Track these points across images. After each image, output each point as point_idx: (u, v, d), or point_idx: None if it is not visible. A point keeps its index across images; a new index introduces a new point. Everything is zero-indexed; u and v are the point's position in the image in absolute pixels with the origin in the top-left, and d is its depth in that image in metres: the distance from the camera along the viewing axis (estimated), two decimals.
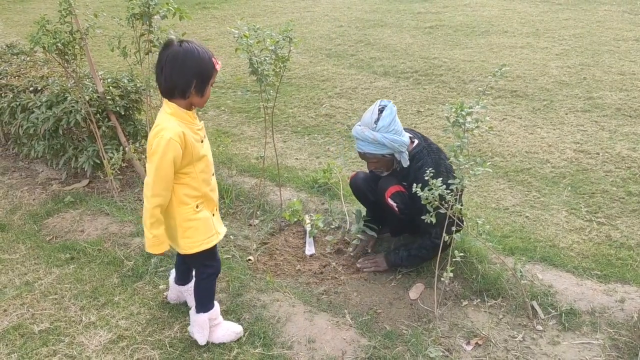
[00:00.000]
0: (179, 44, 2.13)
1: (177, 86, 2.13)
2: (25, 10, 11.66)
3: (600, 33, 7.70)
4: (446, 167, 2.79)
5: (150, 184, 2.16)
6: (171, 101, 2.17)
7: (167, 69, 2.11)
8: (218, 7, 11.25)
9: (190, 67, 2.12)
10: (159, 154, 2.10)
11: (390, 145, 2.75)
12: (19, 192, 4.04)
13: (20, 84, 4.19)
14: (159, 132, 2.12)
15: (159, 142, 2.10)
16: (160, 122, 2.16)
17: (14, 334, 2.59)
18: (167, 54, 2.11)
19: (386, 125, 2.72)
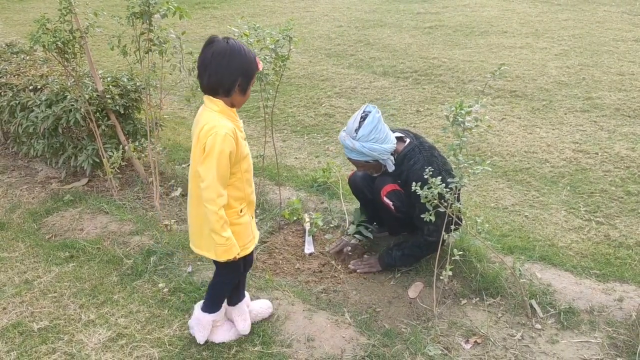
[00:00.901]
0: (224, 40, 2.09)
1: (222, 84, 2.09)
2: (25, 10, 11.66)
3: (599, 34, 7.71)
4: (439, 164, 2.79)
5: (213, 185, 2.08)
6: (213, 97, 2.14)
7: (213, 65, 2.07)
8: (217, 6, 11.26)
9: (237, 65, 2.08)
10: (217, 151, 2.05)
11: (370, 154, 2.76)
12: (19, 191, 4.04)
13: (20, 82, 4.19)
14: (210, 129, 2.06)
15: (215, 140, 2.04)
16: (209, 120, 2.09)
17: (14, 332, 2.59)
18: (212, 51, 2.07)
19: (366, 135, 2.72)
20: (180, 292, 2.85)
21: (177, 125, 5.28)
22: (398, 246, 3.01)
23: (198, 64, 2.13)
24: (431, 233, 2.77)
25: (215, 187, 2.08)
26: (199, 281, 2.94)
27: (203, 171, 2.08)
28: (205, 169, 2.07)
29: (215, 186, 2.08)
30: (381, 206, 2.94)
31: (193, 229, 2.33)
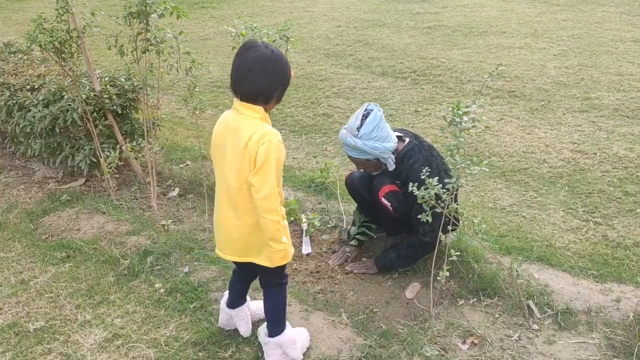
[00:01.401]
0: (264, 46, 2.03)
1: (264, 91, 2.02)
2: (24, 9, 11.64)
3: (598, 34, 7.71)
4: (438, 164, 2.79)
5: (272, 194, 2.02)
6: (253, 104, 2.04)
7: (256, 72, 1.99)
8: (216, 6, 11.25)
9: (279, 73, 2.03)
10: (274, 158, 1.99)
11: (371, 152, 2.75)
12: (15, 191, 4.03)
13: (17, 82, 4.18)
14: (262, 138, 1.98)
15: (269, 148, 1.97)
16: (255, 128, 2.00)
17: (9, 333, 2.58)
18: (254, 57, 1.99)
19: (368, 133, 2.71)
20: (176, 292, 2.84)
21: (175, 125, 5.27)
22: (394, 247, 3.01)
23: (236, 69, 2.03)
24: (426, 233, 2.76)
25: (275, 196, 2.04)
26: (196, 281, 2.93)
27: (259, 181, 2.00)
28: (261, 179, 2.00)
29: (275, 195, 2.04)
30: (379, 207, 2.94)
31: (235, 239, 2.20)
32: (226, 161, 2.09)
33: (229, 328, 2.59)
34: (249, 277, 2.48)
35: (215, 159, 2.19)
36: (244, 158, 2.01)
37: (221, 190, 2.18)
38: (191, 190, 3.96)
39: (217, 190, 2.21)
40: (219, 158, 2.15)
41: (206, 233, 3.41)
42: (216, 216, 2.26)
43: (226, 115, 2.15)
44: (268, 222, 2.06)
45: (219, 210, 2.22)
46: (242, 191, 2.08)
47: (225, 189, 2.14)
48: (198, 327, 2.60)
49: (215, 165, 2.20)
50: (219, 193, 2.20)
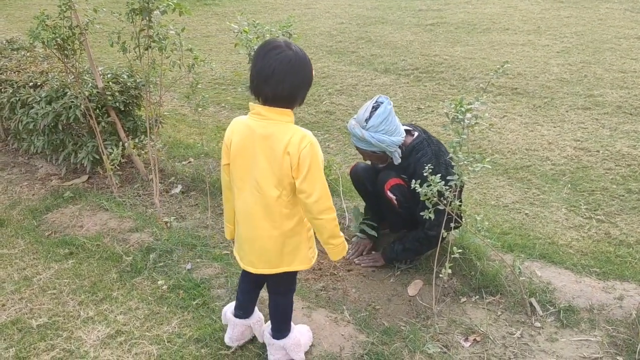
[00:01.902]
0: (287, 46, 1.92)
1: (292, 95, 1.93)
2: (27, 6, 11.64)
3: (601, 31, 7.68)
4: (446, 160, 2.78)
5: (325, 195, 1.98)
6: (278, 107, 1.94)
7: (281, 75, 1.89)
8: (219, 3, 11.25)
9: (306, 76, 1.95)
10: (319, 161, 1.95)
11: (377, 145, 2.74)
12: (19, 188, 4.04)
13: (20, 79, 4.18)
14: (301, 141, 1.91)
15: (312, 151, 1.92)
16: (292, 132, 1.93)
17: (12, 329, 2.59)
18: (279, 59, 1.89)
19: (376, 125, 2.71)
20: (179, 289, 2.85)
21: (178, 122, 5.28)
22: (400, 240, 3.01)
23: (260, 71, 1.91)
24: (431, 227, 2.76)
25: (328, 195, 2.00)
26: (198, 278, 2.93)
27: (309, 186, 1.95)
28: (310, 183, 1.95)
29: (328, 194, 2.00)
30: (383, 200, 2.93)
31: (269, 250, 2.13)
32: (260, 171, 1.99)
33: (242, 342, 2.49)
34: (260, 286, 2.45)
35: (238, 171, 2.07)
36: (283, 164, 1.94)
37: (252, 202, 2.06)
38: (194, 188, 3.96)
39: (244, 204, 2.09)
40: (245, 170, 2.04)
41: (208, 230, 3.41)
42: (246, 231, 2.15)
43: (245, 121, 2.02)
44: (325, 222, 2.03)
45: (250, 224, 2.11)
46: (281, 198, 2.01)
47: (258, 201, 2.04)
48: (200, 324, 2.60)
49: (238, 177, 2.08)
50: (247, 207, 2.08)
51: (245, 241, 2.18)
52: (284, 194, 2.01)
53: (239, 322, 2.43)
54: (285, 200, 2.02)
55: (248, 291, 2.41)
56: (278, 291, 2.32)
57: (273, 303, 2.36)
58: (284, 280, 2.26)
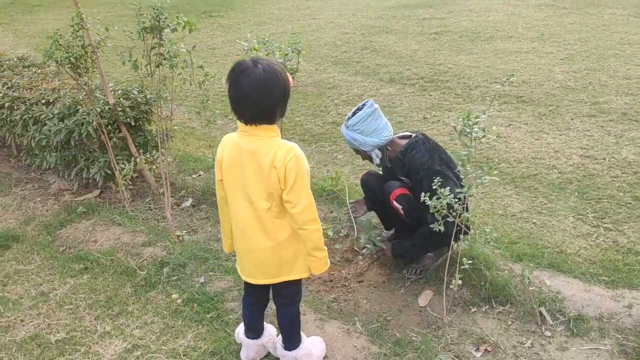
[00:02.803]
0: (255, 65, 1.96)
1: (265, 112, 1.99)
2: (34, 22, 11.80)
3: (605, 37, 7.71)
4: (442, 156, 2.88)
5: (310, 205, 2.07)
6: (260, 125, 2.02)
7: (254, 97, 1.95)
8: (224, 15, 11.34)
9: (277, 91, 1.98)
10: (304, 172, 2.03)
11: (350, 142, 2.98)
12: (32, 203, 4.11)
13: (32, 96, 4.26)
14: (287, 154, 2.00)
15: (297, 162, 2.01)
16: (276, 146, 2.02)
17: (32, 344, 2.64)
18: (248, 82, 1.94)
19: (353, 124, 2.93)
20: (193, 302, 2.90)
21: (186, 135, 5.34)
22: (409, 237, 3.06)
23: (234, 96, 1.99)
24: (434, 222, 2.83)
25: (313, 206, 2.08)
26: (212, 291, 2.98)
27: (294, 197, 2.03)
28: (296, 194, 2.03)
29: (313, 205, 2.08)
30: (390, 209, 3.00)
31: (268, 262, 2.21)
32: (249, 185, 2.08)
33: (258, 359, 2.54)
34: (265, 304, 2.49)
35: (230, 186, 2.16)
36: (271, 177, 2.02)
37: (246, 216, 2.14)
38: (204, 201, 4.01)
39: (238, 218, 2.18)
40: (236, 184, 2.13)
41: (220, 243, 3.46)
42: (242, 244, 2.23)
43: (234, 138, 2.10)
44: (309, 233, 2.11)
45: (245, 236, 2.19)
46: (271, 210, 2.10)
47: (251, 214, 2.13)
48: (215, 337, 2.65)
49: (231, 192, 2.16)
50: (241, 221, 2.17)
51: (243, 253, 2.27)
52: (274, 205, 2.10)
53: (252, 343, 2.50)
54: (276, 211, 2.11)
55: (252, 304, 2.46)
56: (283, 302, 2.38)
57: (280, 315, 2.42)
58: (286, 291, 2.33)
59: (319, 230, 2.13)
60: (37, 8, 13.69)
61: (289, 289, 2.32)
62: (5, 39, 9.80)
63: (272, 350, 2.52)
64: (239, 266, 2.34)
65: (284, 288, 2.30)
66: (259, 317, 2.48)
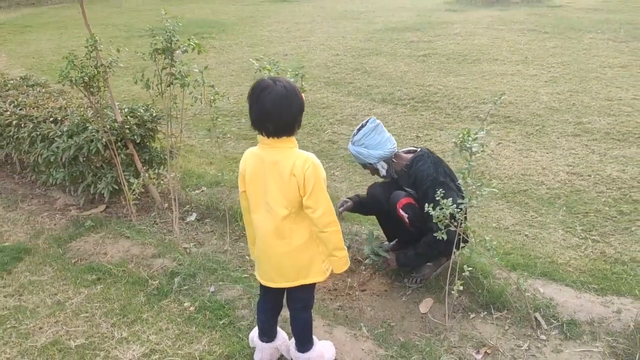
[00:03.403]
0: (274, 83, 2.14)
1: (287, 127, 2.17)
2: (27, 42, 11.91)
3: (586, 60, 8.04)
4: (445, 170, 3.08)
5: (328, 209, 2.23)
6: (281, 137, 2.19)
7: (276, 112, 2.12)
8: (216, 37, 11.56)
9: (296, 107, 2.17)
10: (321, 179, 2.19)
11: (357, 156, 3.21)
12: (40, 218, 4.21)
13: (40, 114, 4.38)
14: (305, 162, 2.17)
15: (315, 170, 2.17)
16: (295, 156, 2.19)
17: (52, 349, 2.74)
18: (271, 98, 2.12)
19: (358, 140, 3.19)
20: (205, 310, 3.02)
21: (187, 153, 5.47)
22: (413, 247, 3.22)
23: (255, 111, 2.16)
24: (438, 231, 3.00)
25: (331, 210, 2.25)
26: (222, 299, 3.11)
27: (314, 202, 2.19)
28: (315, 199, 2.19)
29: (331, 209, 2.24)
30: (396, 219, 3.17)
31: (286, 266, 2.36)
32: (270, 194, 2.24)
33: None
34: (280, 309, 2.62)
35: (253, 196, 2.32)
36: (290, 185, 2.19)
37: (265, 223, 2.31)
38: (208, 215, 4.15)
39: (260, 225, 2.33)
40: (258, 194, 2.29)
41: (227, 255, 3.59)
42: (263, 250, 2.38)
43: (255, 151, 2.28)
44: (330, 235, 2.28)
45: (265, 243, 2.35)
46: (289, 216, 2.26)
47: (270, 221, 2.28)
48: (229, 342, 2.77)
49: (253, 202, 2.33)
50: (262, 228, 2.32)
51: (263, 259, 2.42)
52: (292, 212, 2.26)
53: (266, 346, 2.63)
54: (293, 217, 2.28)
55: (267, 310, 2.59)
56: (297, 307, 2.52)
57: (293, 319, 2.56)
58: (302, 295, 2.48)
59: (338, 231, 2.30)
60: (29, 29, 13.82)
61: (305, 294, 2.47)
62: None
63: (285, 353, 2.65)
64: (258, 272, 2.48)
65: (300, 292, 2.45)
66: (273, 321, 2.62)
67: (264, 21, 13.43)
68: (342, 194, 4.40)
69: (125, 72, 7.66)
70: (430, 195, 2.85)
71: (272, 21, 13.37)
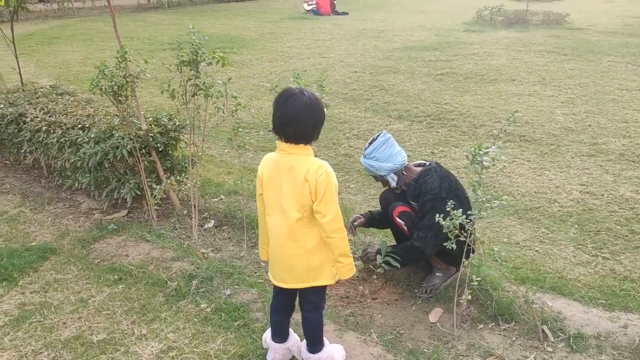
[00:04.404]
0: (301, 92, 2.28)
1: (308, 134, 2.29)
2: (54, 53, 12.26)
3: (604, 83, 8.10)
4: (452, 185, 3.18)
5: (337, 216, 2.32)
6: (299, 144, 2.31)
7: (299, 119, 2.25)
8: (237, 52, 11.80)
9: (318, 116, 2.30)
10: (333, 186, 2.29)
11: (368, 169, 3.31)
12: (65, 220, 4.37)
13: (69, 121, 4.57)
14: (318, 169, 2.28)
15: (327, 177, 2.28)
16: (310, 163, 2.30)
17: (75, 343, 2.88)
18: (295, 105, 2.26)
19: (369, 153, 3.28)
20: (221, 311, 3.13)
21: (206, 162, 5.63)
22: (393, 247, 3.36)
23: (279, 116, 2.29)
24: (418, 239, 3.13)
25: (340, 217, 2.34)
26: (238, 302, 3.21)
27: (324, 208, 2.30)
28: (325, 205, 2.29)
29: (339, 216, 2.34)
30: (394, 226, 3.33)
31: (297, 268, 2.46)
32: (284, 197, 2.35)
33: None
34: (292, 310, 2.72)
35: (269, 199, 2.43)
36: (303, 190, 2.30)
37: (279, 225, 2.42)
38: (226, 222, 4.27)
39: (274, 227, 2.45)
40: (274, 197, 2.40)
41: (243, 261, 3.71)
42: (276, 251, 2.50)
43: (273, 157, 2.40)
44: (337, 241, 2.38)
45: (279, 245, 2.46)
46: (302, 220, 2.37)
47: (284, 223, 2.39)
48: (243, 342, 2.87)
49: (269, 205, 2.44)
50: (277, 230, 2.44)
51: (276, 260, 2.54)
52: (305, 215, 2.37)
53: (279, 347, 2.73)
54: (306, 221, 2.39)
55: (279, 310, 2.69)
56: (308, 308, 2.62)
57: (304, 320, 2.66)
58: (313, 297, 2.58)
59: (345, 238, 2.39)
60: (56, 40, 14.21)
61: (315, 295, 2.57)
62: (27, 68, 10.19)
63: (296, 354, 2.74)
64: (271, 272, 2.59)
65: (311, 294, 2.55)
66: (286, 322, 2.72)
67: (284, 38, 13.69)
68: (356, 206, 4.51)
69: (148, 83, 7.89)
70: (426, 208, 3.04)
71: (292, 38, 13.62)
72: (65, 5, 21.69)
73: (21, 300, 3.29)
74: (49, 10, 21.11)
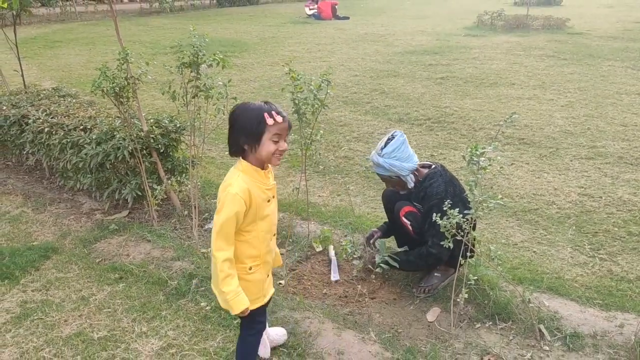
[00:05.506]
0: (238, 107, 2.22)
1: (232, 146, 2.22)
2: (56, 56, 12.33)
3: (603, 87, 8.14)
4: (456, 190, 3.19)
5: (213, 238, 2.16)
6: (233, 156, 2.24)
7: (229, 131, 2.22)
8: (238, 55, 11.87)
9: (238, 127, 2.17)
10: (224, 208, 2.13)
11: (390, 169, 3.23)
12: (67, 220, 4.40)
13: (71, 122, 4.61)
14: (225, 187, 2.17)
15: (226, 197, 2.13)
16: (228, 178, 2.22)
17: (77, 340, 2.91)
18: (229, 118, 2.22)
19: (389, 153, 3.21)
20: (220, 310, 3.14)
21: (207, 164, 5.67)
22: (406, 252, 3.38)
23: None
24: (433, 245, 3.14)
25: (215, 240, 2.16)
26: None
27: (214, 222, 2.19)
28: (214, 221, 2.18)
29: (215, 239, 2.16)
30: (399, 225, 3.32)
31: None
32: None
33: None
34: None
35: None
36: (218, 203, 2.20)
37: None
38: None
39: None
40: None
41: None
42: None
43: None
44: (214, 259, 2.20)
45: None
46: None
47: None
48: None
49: None
50: None
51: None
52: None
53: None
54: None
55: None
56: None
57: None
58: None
59: (216, 264, 2.18)
60: (58, 44, 14.30)
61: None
62: (30, 71, 10.26)
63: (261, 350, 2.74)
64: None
65: None
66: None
67: (285, 42, 13.76)
68: (356, 207, 4.54)
69: (150, 86, 7.95)
70: (433, 213, 2.99)
71: (293, 42, 13.69)
72: (68, 9, 21.81)
73: (23, 298, 3.33)
74: (52, 14, 21.24)
